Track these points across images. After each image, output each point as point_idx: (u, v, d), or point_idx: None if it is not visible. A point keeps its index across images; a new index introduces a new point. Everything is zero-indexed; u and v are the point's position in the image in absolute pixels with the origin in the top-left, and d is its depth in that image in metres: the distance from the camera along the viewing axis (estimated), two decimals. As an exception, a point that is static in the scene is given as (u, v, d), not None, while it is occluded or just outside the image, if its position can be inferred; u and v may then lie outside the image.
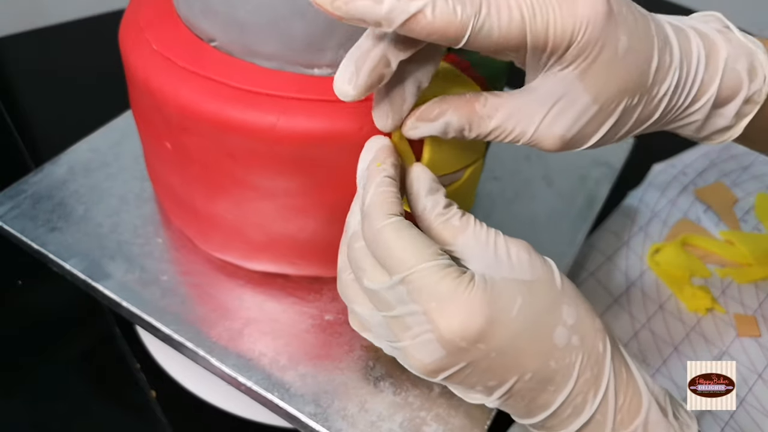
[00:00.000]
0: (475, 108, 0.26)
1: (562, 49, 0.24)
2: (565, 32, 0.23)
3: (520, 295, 0.24)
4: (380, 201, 0.25)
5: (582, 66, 0.24)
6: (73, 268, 0.36)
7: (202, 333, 0.34)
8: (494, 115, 0.26)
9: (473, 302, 0.23)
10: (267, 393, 0.32)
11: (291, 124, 0.29)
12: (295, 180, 0.31)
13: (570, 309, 0.25)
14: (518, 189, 0.46)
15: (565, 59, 0.24)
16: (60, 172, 0.42)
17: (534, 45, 0.23)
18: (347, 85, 0.25)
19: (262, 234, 0.34)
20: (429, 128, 0.27)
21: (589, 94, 0.25)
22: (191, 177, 0.33)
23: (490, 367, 0.24)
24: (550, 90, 0.25)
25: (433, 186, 0.27)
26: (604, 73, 0.24)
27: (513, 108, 0.26)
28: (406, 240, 0.24)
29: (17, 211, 0.39)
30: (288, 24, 0.28)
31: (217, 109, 0.29)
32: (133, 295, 0.35)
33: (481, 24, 0.23)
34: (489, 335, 0.24)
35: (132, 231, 0.39)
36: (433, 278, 0.23)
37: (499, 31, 0.23)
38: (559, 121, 0.25)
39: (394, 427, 0.31)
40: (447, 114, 0.26)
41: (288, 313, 0.36)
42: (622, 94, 0.25)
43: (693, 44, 0.26)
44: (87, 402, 0.42)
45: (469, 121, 0.26)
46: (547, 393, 0.25)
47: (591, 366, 0.25)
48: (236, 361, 0.33)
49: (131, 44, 0.33)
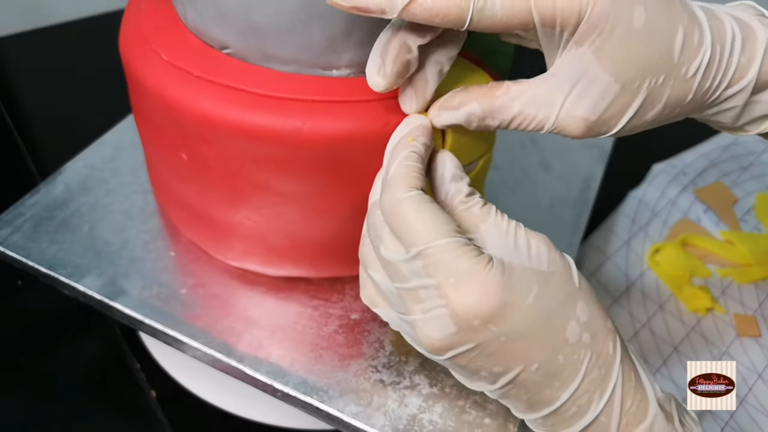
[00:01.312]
0: (497, 96, 0.26)
1: (572, 25, 0.23)
2: (573, 6, 0.23)
3: (536, 284, 0.24)
4: (404, 173, 0.25)
5: (597, 42, 0.24)
6: (88, 289, 0.35)
7: (229, 344, 0.34)
8: (516, 102, 0.26)
9: (490, 281, 0.23)
10: (306, 397, 0.32)
11: (317, 126, 0.29)
12: (319, 182, 0.31)
13: (584, 306, 0.25)
14: (518, 176, 0.47)
15: (579, 37, 0.24)
16: (57, 191, 0.41)
17: (542, 22, 0.23)
18: (377, 76, 0.26)
19: (284, 238, 0.34)
20: (452, 116, 0.27)
21: (608, 73, 0.24)
22: (209, 186, 0.33)
23: (498, 351, 0.24)
24: (569, 72, 0.25)
25: (458, 173, 0.27)
26: (621, 49, 0.24)
27: (534, 94, 0.26)
28: (426, 214, 0.24)
29: (18, 235, 0.38)
30: (306, 27, 0.28)
31: (240, 117, 0.29)
32: (154, 311, 0.35)
33: (483, 3, 0.23)
34: (502, 317, 0.23)
35: (142, 246, 0.38)
36: (450, 254, 0.23)
37: (502, 9, 0.23)
38: (581, 103, 0.25)
39: (434, 417, 0.32)
40: (470, 103, 0.27)
41: (313, 316, 0.36)
42: (644, 72, 0.24)
43: (726, 25, 0.25)
44: (87, 402, 0.42)
45: (491, 110, 0.27)
46: (551, 388, 0.24)
47: (599, 366, 0.25)
48: (270, 368, 0.33)
49: (137, 55, 0.32)
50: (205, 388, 0.41)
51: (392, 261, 0.25)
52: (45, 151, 0.42)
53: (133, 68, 0.32)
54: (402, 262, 0.24)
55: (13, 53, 0.69)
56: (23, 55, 0.69)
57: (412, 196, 0.24)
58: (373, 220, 0.26)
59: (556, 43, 0.24)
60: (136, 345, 0.44)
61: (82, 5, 0.71)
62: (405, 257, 0.24)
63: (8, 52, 0.69)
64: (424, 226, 0.24)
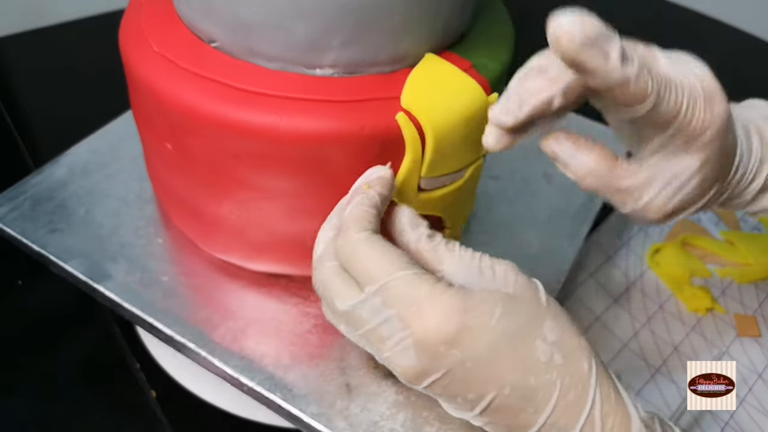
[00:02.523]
0: (615, 166, 0.28)
1: (694, 139, 0.26)
2: (705, 125, 0.26)
3: (500, 305, 0.25)
4: (358, 216, 0.27)
5: (703, 157, 0.27)
6: (74, 270, 0.36)
7: (204, 334, 0.34)
8: (627, 179, 0.28)
9: (449, 305, 0.24)
10: (270, 394, 0.32)
11: (294, 124, 0.29)
12: (298, 180, 0.31)
13: (553, 325, 0.25)
14: (518, 187, 0.46)
15: (691, 148, 0.27)
16: (60, 173, 0.42)
17: (678, 128, 0.26)
18: (505, 116, 0.27)
19: (265, 234, 0.34)
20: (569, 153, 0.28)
21: (698, 180, 0.27)
22: (193, 178, 0.33)
23: (468, 377, 0.24)
24: (673, 170, 0.27)
25: (415, 221, 0.28)
26: (715, 164, 0.27)
27: (643, 178, 0.28)
28: (380, 251, 0.25)
29: (17, 213, 0.39)
30: (291, 24, 0.28)
31: (220, 111, 0.29)
32: (135, 296, 0.35)
33: (658, 101, 0.25)
34: (464, 341, 0.24)
35: (133, 232, 0.39)
36: (408, 285, 0.24)
37: (665, 109, 0.25)
38: (671, 197, 0.28)
39: (396, 426, 0.31)
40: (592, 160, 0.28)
41: (290, 313, 0.36)
42: (716, 181, 0.28)
43: (754, 142, 0.29)
44: (87, 402, 0.42)
45: (606, 174, 0.28)
46: (527, 412, 0.25)
47: (574, 386, 0.25)
48: (239, 362, 0.33)
49: (132, 46, 0.33)
50: (205, 388, 0.42)
51: (350, 309, 0.26)
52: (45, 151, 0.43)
53: (127, 58, 0.33)
54: (360, 305, 0.25)
55: (13, 53, 0.69)
56: (23, 55, 0.69)
57: (365, 236, 0.26)
58: (320, 276, 0.27)
59: (665, 141, 0.27)
60: (136, 345, 0.44)
61: (82, 5, 0.71)
62: (362, 298, 0.25)
63: (8, 52, 0.69)
64: (381, 262, 0.25)
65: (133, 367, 0.43)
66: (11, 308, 0.47)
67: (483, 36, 0.34)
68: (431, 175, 0.32)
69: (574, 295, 0.47)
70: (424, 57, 0.31)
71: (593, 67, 0.23)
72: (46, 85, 0.66)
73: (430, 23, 0.30)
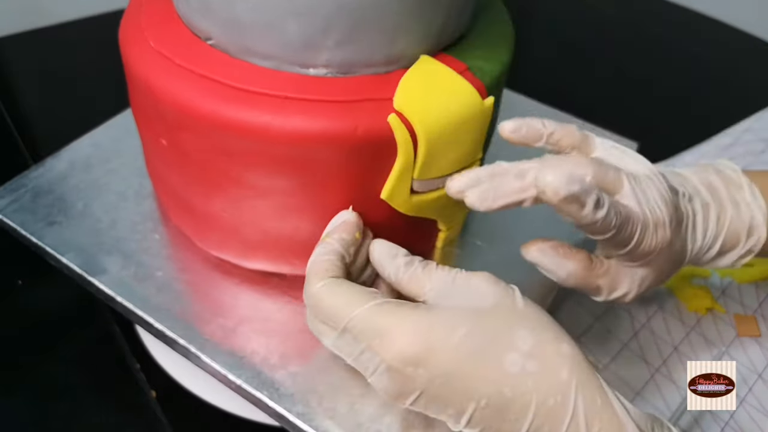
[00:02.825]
0: (592, 268, 0.32)
1: (644, 257, 0.31)
2: (651, 248, 0.31)
3: (466, 324, 0.26)
4: (317, 268, 0.29)
5: (654, 267, 0.32)
6: (70, 263, 0.37)
7: (195, 330, 0.34)
8: (600, 278, 0.32)
9: (411, 327, 0.26)
10: (256, 391, 0.32)
11: (286, 123, 0.29)
12: (290, 179, 0.31)
13: (526, 334, 0.26)
14: (518, 193, 0.45)
15: (643, 261, 0.32)
16: (61, 166, 0.43)
17: (631, 250, 0.30)
18: (479, 204, 0.30)
19: (258, 233, 0.34)
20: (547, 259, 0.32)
21: (653, 278, 0.33)
22: (188, 175, 0.33)
23: (442, 394, 0.25)
24: (633, 274, 0.32)
25: (392, 251, 0.30)
26: (666, 267, 0.33)
27: (611, 278, 0.32)
28: (340, 294, 0.27)
29: (17, 204, 0.40)
30: (284, 23, 0.28)
31: (213, 108, 0.29)
32: (128, 290, 0.36)
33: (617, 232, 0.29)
34: (427, 360, 0.25)
35: (130, 227, 0.39)
36: (371, 317, 0.26)
37: (621, 238, 0.30)
38: (636, 292, 0.33)
39: (381, 428, 0.31)
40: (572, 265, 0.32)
41: (282, 312, 0.36)
42: (671, 274, 0.34)
43: (711, 218, 0.33)
44: (87, 402, 0.42)
45: (585, 276, 0.32)
46: (508, 422, 0.25)
47: (554, 394, 0.25)
48: (227, 358, 0.33)
49: (130, 42, 0.33)
50: (205, 388, 0.42)
51: (333, 345, 0.28)
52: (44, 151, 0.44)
53: (125, 54, 0.33)
54: (337, 340, 0.28)
55: (13, 53, 0.70)
56: (23, 55, 0.70)
57: (324, 283, 0.28)
58: (307, 318, 0.30)
59: (622, 254, 0.31)
60: (136, 345, 0.44)
61: (83, 5, 0.72)
62: (336, 336, 0.27)
63: (8, 52, 0.70)
64: (340, 303, 0.27)
65: (133, 367, 0.44)
66: (11, 308, 0.47)
67: (481, 37, 0.34)
68: (424, 177, 0.32)
69: (573, 296, 0.47)
70: (419, 59, 0.31)
71: (568, 213, 0.28)
72: (46, 86, 0.67)
73: (426, 25, 0.30)
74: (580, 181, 0.27)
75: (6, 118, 0.60)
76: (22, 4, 0.71)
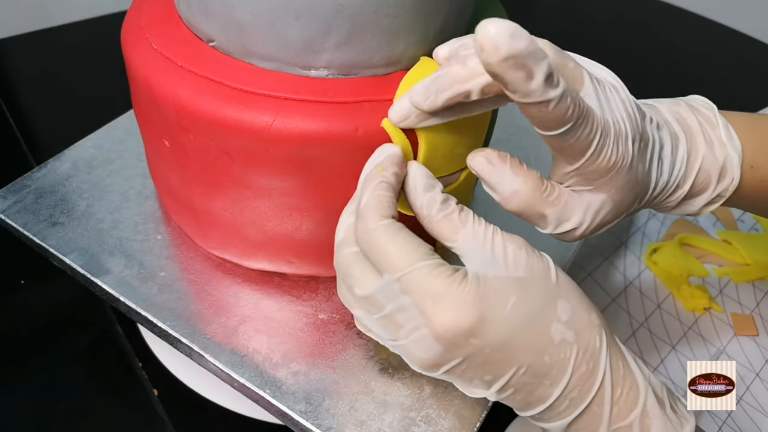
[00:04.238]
0: (541, 191, 0.28)
1: (599, 177, 0.27)
2: (609, 165, 0.27)
3: (513, 293, 0.25)
4: (375, 203, 0.26)
5: (610, 192, 0.28)
6: (73, 263, 0.37)
7: (197, 329, 0.35)
8: (549, 207, 0.28)
9: (465, 299, 0.24)
10: (259, 390, 0.32)
11: (287, 124, 0.29)
12: (290, 180, 0.31)
13: (565, 304, 0.26)
14: (517, 192, 0.46)
15: (597, 183, 0.28)
16: (64, 168, 0.43)
17: (584, 164, 0.27)
18: (422, 100, 0.27)
19: (259, 232, 0.34)
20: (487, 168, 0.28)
21: (610, 209, 0.29)
22: (189, 175, 0.34)
23: (485, 362, 0.25)
24: (586, 201, 0.28)
25: (429, 182, 0.27)
26: (625, 195, 0.29)
27: (561, 206, 0.28)
28: (399, 241, 0.25)
29: (20, 205, 0.40)
30: (285, 25, 0.29)
31: (214, 109, 0.30)
32: (131, 290, 0.36)
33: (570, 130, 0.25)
34: (481, 331, 0.25)
35: (132, 227, 0.40)
36: (426, 277, 0.24)
37: (575, 142, 0.26)
38: (587, 226, 0.29)
39: (383, 426, 0.31)
40: (520, 182, 0.28)
41: (283, 311, 0.36)
42: (630, 206, 0.30)
43: (680, 152, 0.30)
44: (89, 401, 0.43)
45: (532, 198, 0.28)
46: (543, 387, 0.26)
47: (587, 360, 0.26)
48: (230, 357, 0.33)
49: (132, 43, 0.33)
50: (207, 387, 0.42)
51: (367, 295, 0.26)
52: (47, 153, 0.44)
53: (126, 55, 0.33)
54: (378, 292, 0.25)
55: (15, 55, 0.70)
56: (25, 56, 0.70)
57: (384, 224, 0.25)
58: (340, 260, 0.27)
59: (572, 170, 0.27)
60: (138, 343, 0.45)
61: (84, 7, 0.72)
62: (382, 284, 0.25)
63: (10, 54, 0.70)
64: (399, 251, 0.25)
65: (135, 365, 0.44)
66: (14, 307, 0.48)
67: (480, 39, 0.34)
68: (424, 177, 0.32)
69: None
70: (419, 60, 0.31)
71: (512, 82, 0.22)
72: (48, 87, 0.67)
73: (426, 26, 0.30)
74: (528, 40, 0.22)
75: (9, 120, 0.61)
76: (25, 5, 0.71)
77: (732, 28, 0.81)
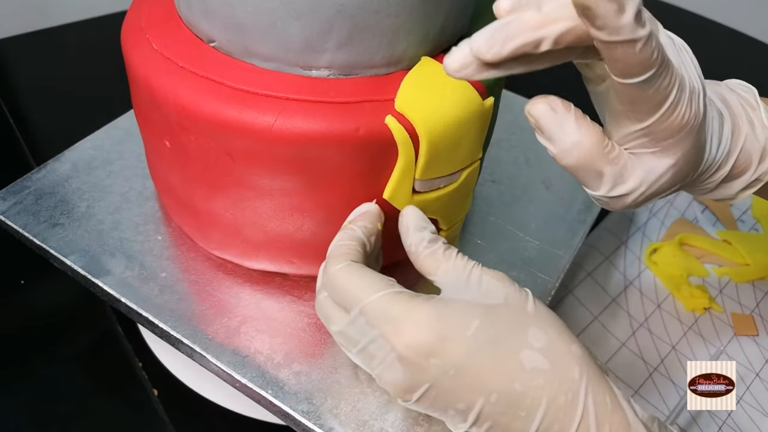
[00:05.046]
0: (603, 147, 0.26)
1: (670, 136, 0.25)
2: (682, 123, 0.25)
3: (478, 317, 0.26)
4: (338, 252, 0.29)
5: (677, 155, 0.26)
6: (74, 264, 0.37)
7: (198, 330, 0.35)
8: (608, 165, 0.26)
9: (424, 319, 0.25)
10: (261, 390, 0.32)
11: (288, 124, 0.29)
12: (292, 180, 0.31)
13: (538, 332, 0.26)
14: (516, 193, 0.46)
15: (665, 144, 0.25)
16: (63, 169, 0.43)
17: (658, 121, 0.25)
18: (486, 50, 0.24)
19: (260, 233, 0.34)
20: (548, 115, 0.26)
21: (670, 176, 0.26)
22: (190, 175, 0.34)
23: (453, 386, 0.25)
24: (648, 165, 0.26)
25: (421, 224, 0.30)
26: (689, 161, 0.26)
27: (620, 167, 0.26)
28: (358, 277, 0.27)
29: (20, 206, 0.40)
30: (285, 25, 0.29)
31: (215, 109, 0.29)
32: (132, 291, 0.36)
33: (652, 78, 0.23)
34: (441, 351, 0.25)
35: (133, 228, 0.40)
36: (387, 304, 0.26)
37: (654, 92, 0.23)
38: (643, 193, 0.27)
39: (385, 426, 0.31)
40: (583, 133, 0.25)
41: (285, 311, 0.36)
42: (687, 176, 0.27)
43: (726, 129, 0.28)
44: (89, 401, 0.43)
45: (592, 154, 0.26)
46: (519, 419, 0.25)
47: (564, 392, 0.25)
48: (232, 357, 0.33)
49: (132, 44, 0.33)
50: (207, 387, 0.42)
51: (341, 331, 0.28)
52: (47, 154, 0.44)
53: (127, 56, 0.33)
54: (348, 326, 0.27)
55: (15, 55, 0.70)
56: (26, 56, 0.70)
57: (344, 266, 0.28)
58: (317, 305, 0.30)
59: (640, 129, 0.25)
60: (138, 343, 0.45)
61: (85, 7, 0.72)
62: (350, 320, 0.27)
63: (11, 54, 0.70)
64: (358, 287, 0.27)
65: (135, 365, 0.44)
66: (14, 308, 0.47)
67: (481, 39, 0.34)
68: (426, 177, 0.32)
69: (572, 294, 0.47)
70: (420, 60, 0.31)
71: (603, 15, 0.21)
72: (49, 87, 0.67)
73: (426, 26, 0.30)
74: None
75: (9, 120, 0.60)
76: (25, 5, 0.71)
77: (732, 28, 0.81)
